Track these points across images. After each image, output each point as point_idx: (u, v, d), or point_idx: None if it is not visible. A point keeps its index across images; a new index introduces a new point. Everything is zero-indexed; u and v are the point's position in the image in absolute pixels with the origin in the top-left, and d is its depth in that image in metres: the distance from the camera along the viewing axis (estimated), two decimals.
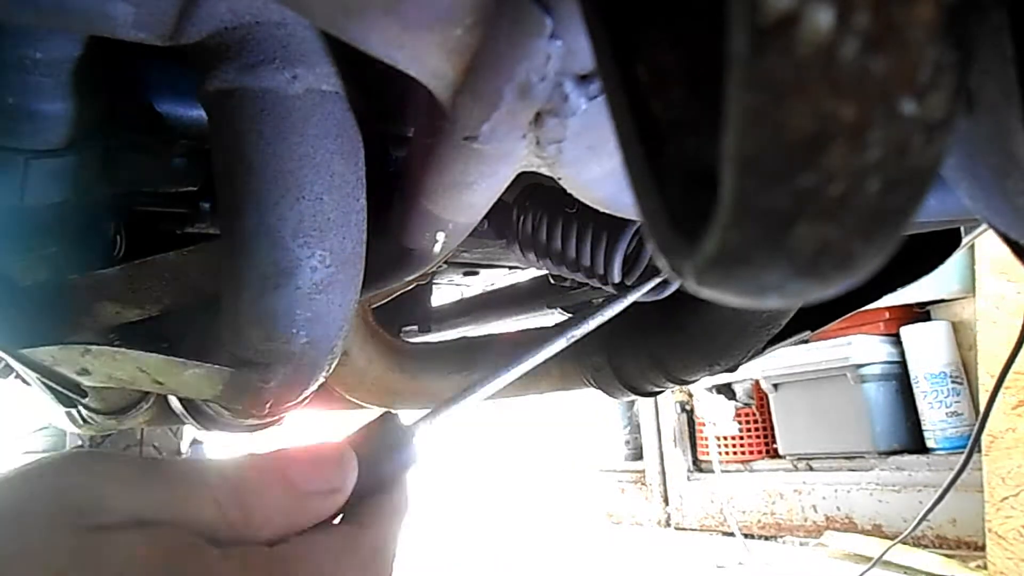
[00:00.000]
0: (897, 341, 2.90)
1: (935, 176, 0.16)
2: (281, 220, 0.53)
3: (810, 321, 0.92)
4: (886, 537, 2.65)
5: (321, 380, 0.66)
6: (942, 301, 2.85)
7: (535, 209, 0.81)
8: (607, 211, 0.49)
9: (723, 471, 3.45)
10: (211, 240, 0.71)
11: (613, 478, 4.21)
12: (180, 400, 0.88)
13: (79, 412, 0.91)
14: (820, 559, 2.79)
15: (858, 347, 2.85)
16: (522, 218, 0.82)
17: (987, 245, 2.26)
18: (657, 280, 0.66)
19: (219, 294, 0.59)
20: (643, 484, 3.99)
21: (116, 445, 2.55)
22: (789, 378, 3.10)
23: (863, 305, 0.87)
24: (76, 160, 0.60)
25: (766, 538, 3.27)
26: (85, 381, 0.64)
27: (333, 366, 0.65)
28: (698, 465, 3.74)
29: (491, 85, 0.34)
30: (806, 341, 1.02)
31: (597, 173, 0.42)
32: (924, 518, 1.70)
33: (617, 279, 0.73)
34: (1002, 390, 1.57)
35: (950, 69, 0.14)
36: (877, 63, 0.13)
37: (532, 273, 1.23)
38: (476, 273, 1.22)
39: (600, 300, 1.13)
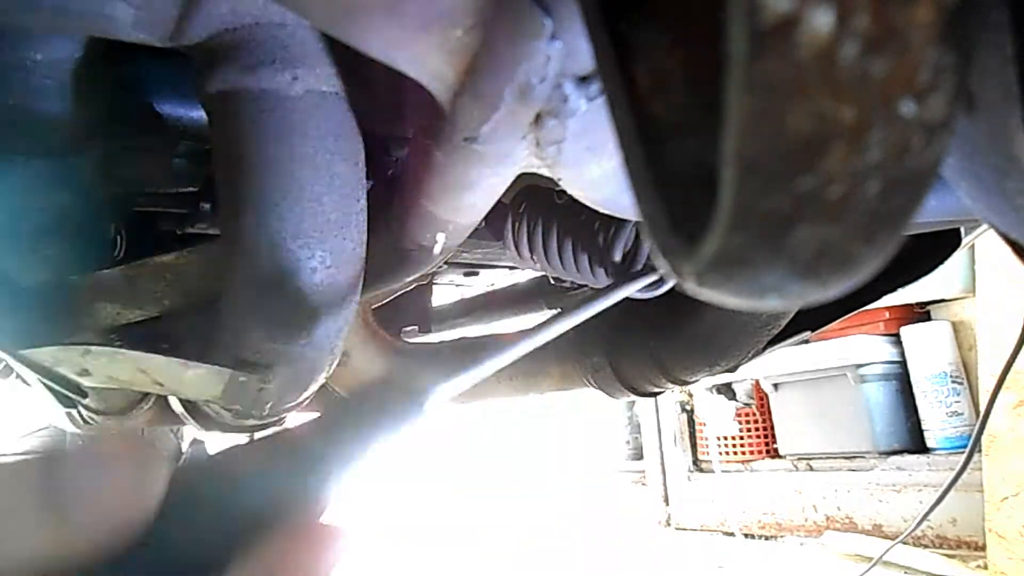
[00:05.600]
0: (897, 341, 2.90)
1: (935, 177, 0.16)
2: (281, 221, 0.53)
3: (810, 321, 0.92)
4: (886, 537, 2.65)
5: (321, 381, 0.66)
6: (942, 301, 2.85)
7: (531, 210, 0.81)
8: (607, 212, 0.49)
9: (723, 471, 3.45)
10: (212, 241, 0.71)
11: (614, 478, 4.21)
12: (180, 401, 0.88)
13: (79, 413, 0.91)
14: (820, 559, 2.79)
15: (858, 347, 2.85)
16: (518, 220, 0.82)
17: (987, 245, 2.26)
18: (653, 277, 0.66)
19: (219, 295, 0.59)
20: (643, 484, 3.99)
21: None
22: (789, 378, 3.10)
23: (863, 305, 0.87)
24: (77, 161, 0.60)
25: (766, 538, 3.27)
26: (85, 382, 0.64)
27: (333, 367, 0.65)
28: (698, 465, 3.74)
29: (491, 86, 0.34)
30: (806, 341, 1.02)
31: (597, 174, 0.42)
32: (925, 518, 1.70)
33: (618, 258, 0.73)
34: (1002, 390, 1.57)
35: (949, 70, 0.14)
36: (877, 65, 0.13)
37: (532, 273, 1.23)
38: (476, 274, 1.22)
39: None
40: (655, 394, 1.07)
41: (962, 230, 0.79)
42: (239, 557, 0.27)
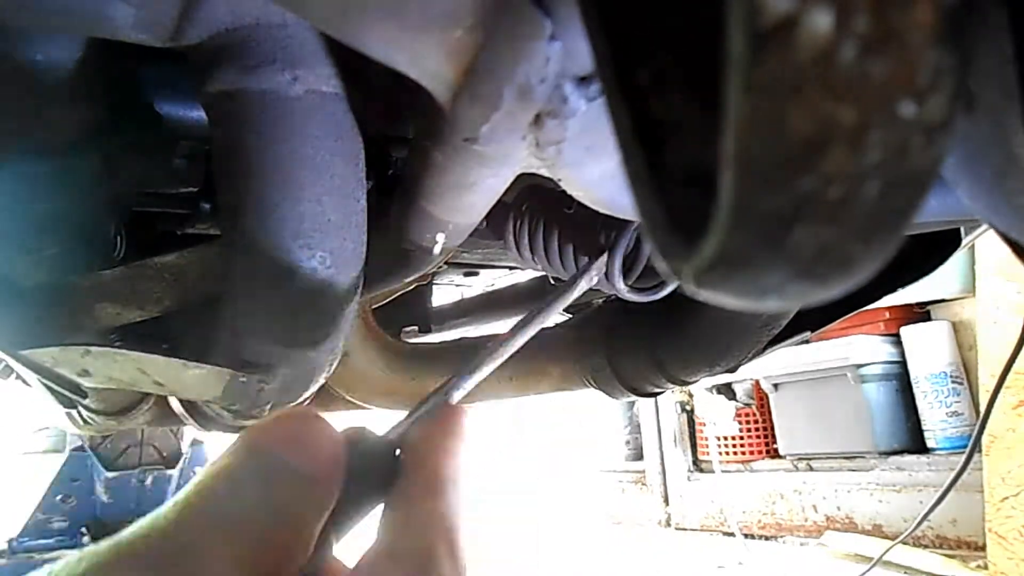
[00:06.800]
0: (897, 341, 2.90)
1: (935, 178, 0.16)
2: (282, 221, 0.53)
3: (810, 321, 0.92)
4: (886, 537, 2.65)
5: (321, 381, 0.66)
6: (942, 301, 2.85)
7: (533, 211, 0.81)
8: (607, 212, 0.49)
9: (723, 471, 3.45)
10: (212, 241, 0.71)
11: (613, 478, 4.21)
12: (180, 401, 0.88)
13: (79, 413, 0.91)
14: (820, 559, 2.79)
15: (858, 347, 2.85)
16: (519, 220, 0.82)
17: (987, 245, 2.26)
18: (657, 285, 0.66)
19: (220, 295, 0.59)
20: (643, 484, 3.99)
21: (116, 445, 2.55)
22: (789, 378, 3.10)
23: (864, 306, 0.87)
24: (77, 161, 0.60)
25: (766, 538, 3.27)
26: (85, 382, 0.64)
27: (334, 367, 0.65)
28: (698, 465, 3.74)
29: (491, 87, 0.34)
30: (806, 341, 1.03)
31: (596, 174, 0.42)
32: (925, 518, 1.70)
33: (619, 282, 0.73)
34: (1002, 390, 1.57)
35: (949, 71, 0.14)
36: (876, 66, 0.13)
37: (532, 273, 1.23)
38: (476, 274, 1.22)
39: (600, 300, 1.13)
40: (655, 394, 1.07)
41: (962, 230, 0.79)
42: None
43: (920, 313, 2.96)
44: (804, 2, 0.12)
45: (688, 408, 3.77)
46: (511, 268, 1.17)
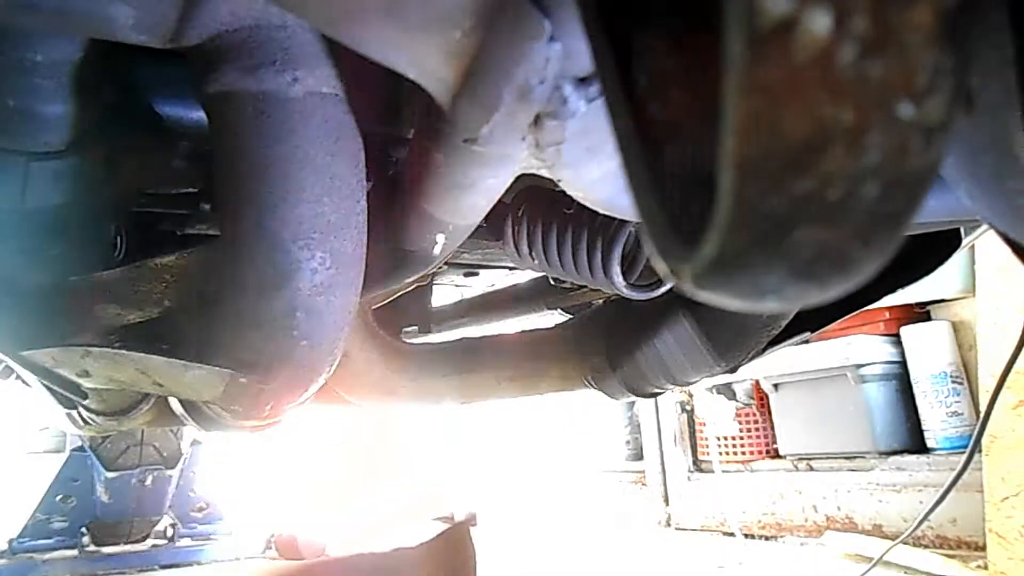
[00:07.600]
0: (897, 341, 2.89)
1: (933, 179, 0.16)
2: (281, 222, 0.53)
3: (810, 321, 0.92)
4: (886, 537, 2.64)
5: (322, 382, 0.66)
6: (942, 301, 2.85)
7: (532, 213, 0.80)
8: (606, 212, 0.49)
9: (723, 471, 3.45)
10: (212, 241, 0.71)
11: (614, 478, 4.21)
12: (180, 401, 0.88)
13: (79, 413, 0.91)
14: (820, 559, 2.79)
15: (858, 347, 2.84)
16: (519, 222, 0.82)
17: (987, 245, 2.26)
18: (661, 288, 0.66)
19: (220, 296, 0.59)
20: (643, 484, 3.99)
21: (116, 446, 2.55)
22: (789, 378, 3.10)
23: (864, 306, 0.87)
24: (77, 162, 0.60)
25: (766, 538, 3.27)
26: (85, 383, 0.64)
27: (334, 367, 0.65)
28: (698, 465, 3.74)
29: (490, 88, 0.34)
30: (806, 341, 1.03)
31: (596, 175, 0.42)
32: (925, 518, 1.70)
33: (618, 280, 0.73)
34: (1002, 390, 1.57)
35: (948, 72, 0.14)
36: (875, 67, 0.13)
37: (532, 274, 1.23)
38: (476, 274, 1.22)
39: (600, 300, 1.13)
40: (655, 394, 1.07)
41: (962, 230, 0.79)
42: None
43: (920, 313, 2.96)
44: (803, 3, 0.12)
45: (688, 408, 3.77)
46: (511, 268, 1.17)
